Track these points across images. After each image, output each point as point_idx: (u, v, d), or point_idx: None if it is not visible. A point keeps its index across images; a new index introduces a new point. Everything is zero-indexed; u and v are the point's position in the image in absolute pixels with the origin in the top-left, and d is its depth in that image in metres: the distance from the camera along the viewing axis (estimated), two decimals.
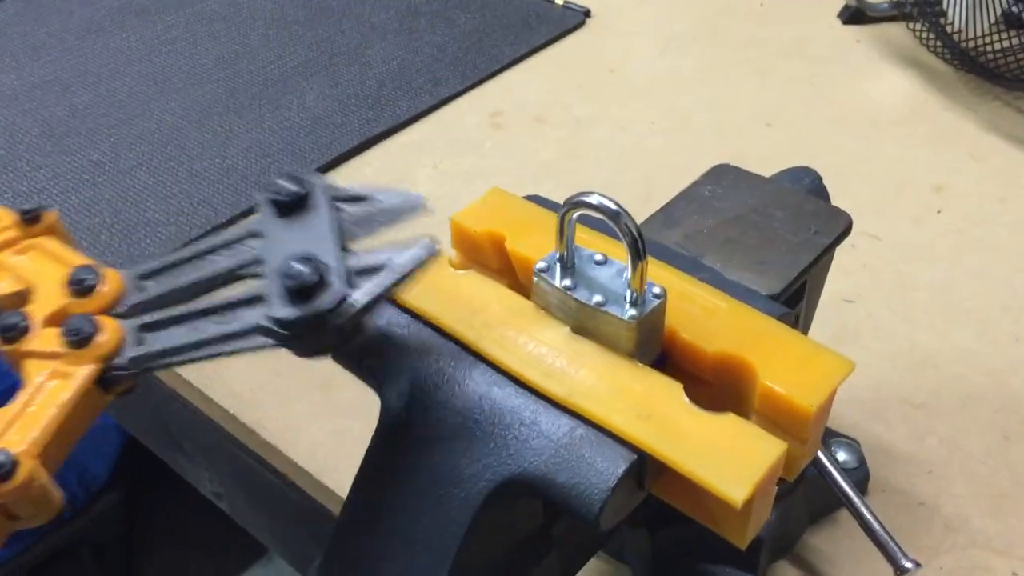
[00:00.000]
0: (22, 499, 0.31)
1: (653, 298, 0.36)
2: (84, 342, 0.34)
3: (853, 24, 0.91)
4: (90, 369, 0.34)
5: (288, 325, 0.31)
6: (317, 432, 0.58)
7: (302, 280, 0.31)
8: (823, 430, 0.37)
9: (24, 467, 0.31)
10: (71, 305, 0.35)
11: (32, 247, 0.39)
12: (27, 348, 0.34)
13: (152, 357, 0.34)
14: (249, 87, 0.84)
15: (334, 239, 0.34)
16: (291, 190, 0.35)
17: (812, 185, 0.51)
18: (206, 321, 0.34)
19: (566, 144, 0.78)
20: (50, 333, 0.35)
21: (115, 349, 0.34)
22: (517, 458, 0.34)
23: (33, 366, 0.34)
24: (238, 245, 0.36)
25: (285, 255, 0.32)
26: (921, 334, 0.62)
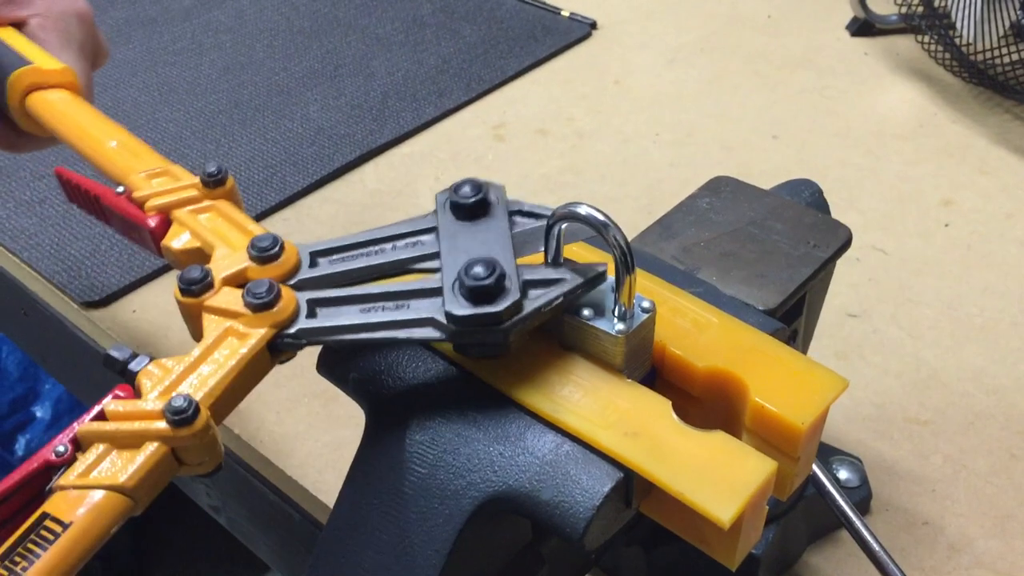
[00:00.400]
0: (196, 445, 0.33)
1: (642, 312, 0.35)
2: (264, 307, 0.35)
3: (862, 36, 0.90)
4: (265, 332, 0.35)
5: (461, 321, 0.33)
6: (313, 444, 0.57)
7: (482, 282, 0.33)
8: (816, 448, 0.36)
9: (203, 415, 0.33)
10: (251, 270, 0.37)
11: (212, 208, 0.42)
12: (210, 303, 0.36)
13: (322, 331, 0.35)
14: (253, 98, 0.84)
15: (511, 247, 0.35)
16: (474, 195, 0.37)
17: (812, 198, 0.51)
18: (379, 305, 0.35)
19: (568, 156, 0.78)
20: (232, 292, 0.36)
21: (290, 318, 0.35)
22: (502, 475, 0.33)
23: (211, 321, 0.36)
24: (413, 239, 0.37)
25: (467, 255, 0.35)
26: (927, 350, 0.61)
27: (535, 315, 0.34)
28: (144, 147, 0.47)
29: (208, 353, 0.35)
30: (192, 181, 0.43)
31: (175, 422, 0.32)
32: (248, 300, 0.35)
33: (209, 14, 0.95)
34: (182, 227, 0.41)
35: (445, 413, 0.35)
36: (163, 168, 0.45)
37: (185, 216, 0.41)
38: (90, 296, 0.65)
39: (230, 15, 0.95)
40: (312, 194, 0.75)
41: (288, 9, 0.96)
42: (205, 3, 0.97)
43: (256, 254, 0.37)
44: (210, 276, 0.37)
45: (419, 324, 0.34)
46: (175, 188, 0.43)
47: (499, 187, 0.38)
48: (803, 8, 0.95)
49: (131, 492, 0.32)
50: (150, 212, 0.42)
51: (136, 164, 0.45)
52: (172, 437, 0.32)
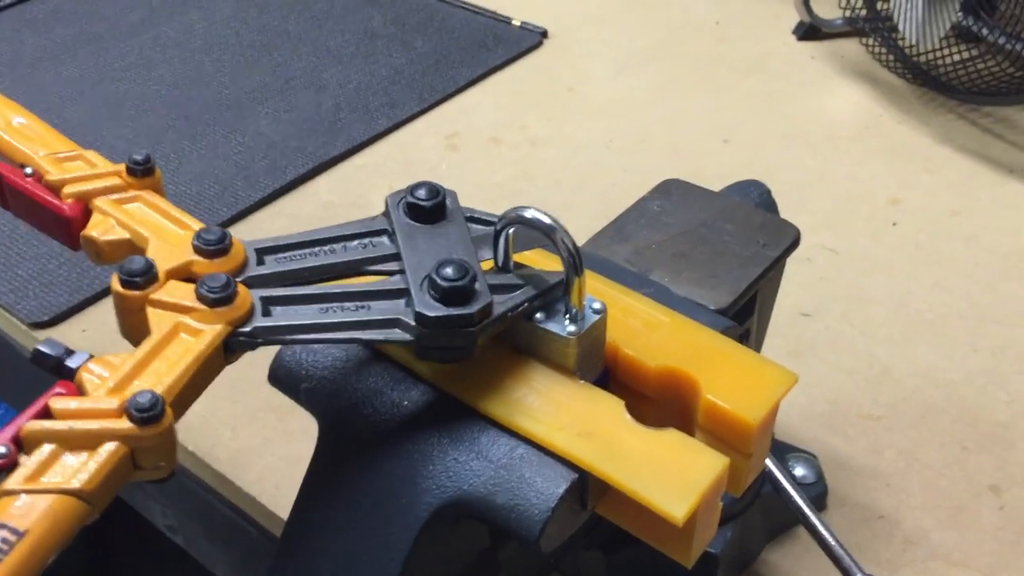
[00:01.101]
0: (159, 446, 0.30)
1: (593, 313, 0.35)
2: (220, 302, 0.33)
3: (808, 40, 0.92)
4: (221, 329, 0.33)
5: (432, 323, 0.32)
6: (270, 459, 0.56)
7: (455, 283, 0.33)
8: (769, 443, 0.36)
9: (169, 413, 0.30)
10: (197, 263, 0.35)
11: (139, 199, 0.38)
12: (155, 297, 0.34)
13: (279, 330, 0.34)
14: (203, 113, 0.83)
15: (474, 252, 0.35)
16: (432, 198, 0.36)
17: (761, 198, 0.51)
18: (338, 305, 0.34)
19: (522, 164, 0.78)
20: (180, 286, 0.34)
21: (245, 315, 0.33)
22: (456, 480, 0.33)
23: (158, 316, 0.33)
24: (365, 239, 0.36)
25: (433, 257, 0.34)
26: (879, 347, 0.62)
27: (503, 319, 0.34)
28: (51, 130, 0.43)
29: (159, 349, 0.32)
30: (112, 169, 0.40)
31: (141, 420, 0.29)
32: (202, 294, 0.33)
33: (157, 29, 0.94)
34: (105, 216, 0.37)
35: (398, 420, 0.35)
36: (76, 152, 0.41)
37: (109, 205, 0.38)
38: (38, 317, 0.64)
39: (179, 30, 0.94)
40: (265, 208, 0.74)
41: (238, 23, 0.95)
42: (153, 18, 0.96)
43: (203, 247, 0.35)
44: (155, 268, 0.34)
45: (384, 325, 0.33)
46: (96, 175, 0.39)
47: (452, 193, 0.38)
48: (750, 14, 0.96)
49: (89, 496, 0.29)
50: (67, 199, 0.38)
51: (43, 145, 0.41)
52: (135, 436, 0.30)
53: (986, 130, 0.80)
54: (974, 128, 0.80)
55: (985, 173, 0.76)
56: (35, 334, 0.64)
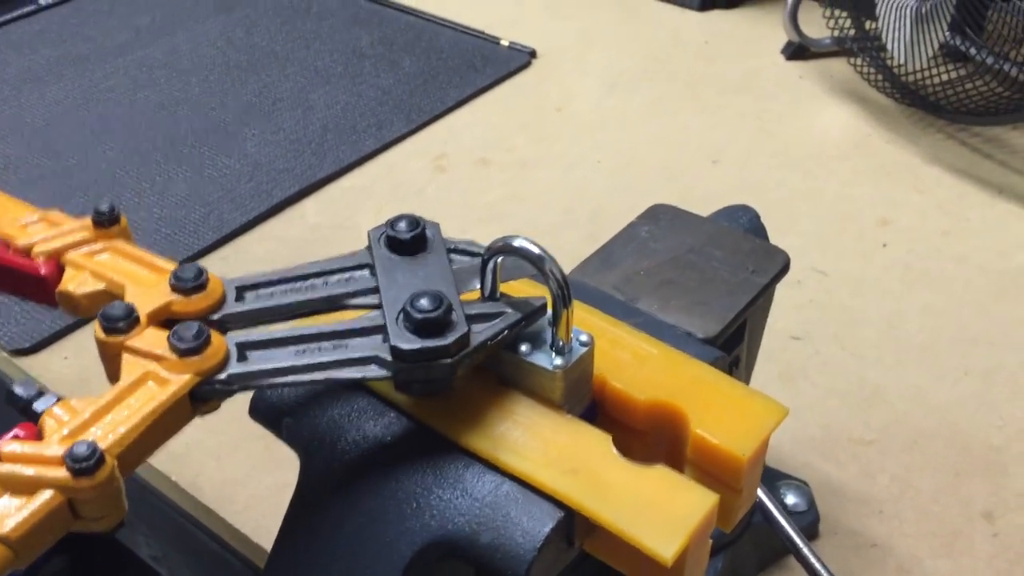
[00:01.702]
0: (97, 498, 0.30)
1: (580, 346, 0.34)
2: (191, 352, 0.32)
3: (796, 60, 0.91)
4: (188, 379, 0.32)
5: (409, 356, 0.32)
6: (255, 488, 0.56)
7: (429, 314, 0.32)
8: (759, 477, 0.36)
9: (108, 465, 0.30)
10: (176, 303, 0.34)
11: (109, 248, 0.38)
12: (131, 344, 0.33)
13: (255, 375, 0.33)
14: (189, 135, 0.82)
15: (453, 282, 0.34)
16: (412, 230, 0.36)
17: (749, 224, 0.51)
18: (315, 346, 0.33)
19: (511, 185, 0.78)
20: (156, 333, 0.34)
21: (218, 365, 0.33)
22: (440, 519, 0.33)
23: (130, 363, 0.33)
24: (346, 274, 0.36)
25: (409, 290, 0.33)
26: (870, 370, 0.61)
27: (482, 348, 0.33)
28: (10, 199, 0.43)
29: (122, 397, 0.32)
30: (77, 224, 0.39)
31: (76, 470, 0.29)
32: (173, 343, 0.33)
33: (143, 51, 0.94)
34: (79, 270, 0.37)
35: (382, 457, 0.34)
36: (40, 215, 0.41)
37: (80, 259, 0.38)
38: (20, 343, 0.63)
39: (165, 51, 0.94)
40: (251, 231, 0.74)
41: (224, 44, 0.95)
42: (139, 40, 0.95)
43: (179, 285, 0.35)
44: (135, 312, 0.34)
45: (361, 363, 0.33)
46: (62, 232, 0.39)
47: (435, 224, 0.38)
48: (739, 34, 0.96)
49: (13, 543, 0.29)
50: (38, 258, 0.38)
51: (7, 215, 0.41)
52: (70, 487, 0.29)
53: (975, 150, 0.80)
54: (963, 148, 0.80)
55: (975, 193, 0.75)
56: (17, 362, 0.63)
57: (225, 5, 1.01)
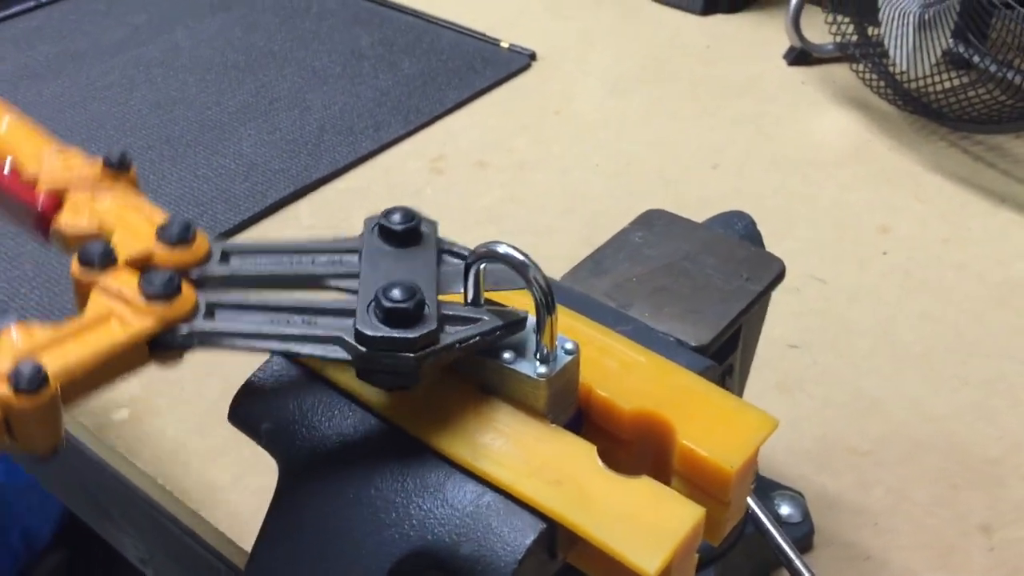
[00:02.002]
0: (34, 419, 0.30)
1: (565, 354, 0.34)
2: (158, 298, 0.33)
3: (798, 65, 0.91)
4: (150, 325, 0.32)
5: (371, 343, 0.31)
6: (241, 493, 0.55)
7: (399, 304, 0.31)
8: (749, 490, 0.35)
9: (50, 388, 0.30)
10: (158, 254, 0.35)
11: (113, 194, 0.39)
12: (102, 282, 0.34)
13: (217, 335, 0.33)
14: (184, 134, 0.82)
15: (434, 280, 0.34)
16: (405, 223, 0.36)
17: (745, 230, 0.50)
18: (285, 317, 0.33)
19: (508, 188, 0.77)
20: (130, 276, 0.34)
21: (183, 316, 0.33)
22: (420, 529, 0.32)
23: (98, 301, 0.33)
24: (336, 256, 0.36)
25: (386, 278, 0.33)
26: (866, 380, 0.61)
27: (450, 350, 0.32)
28: (38, 131, 0.44)
29: (81, 331, 0.32)
30: (88, 165, 0.40)
31: (17, 388, 0.29)
32: (143, 287, 0.33)
33: (141, 48, 0.93)
34: (76, 210, 0.38)
35: (361, 465, 0.33)
36: (58, 150, 0.42)
37: (82, 198, 0.38)
38: None
39: (162, 49, 0.93)
40: (245, 232, 0.73)
41: (222, 43, 0.94)
42: (136, 37, 0.95)
43: (164, 236, 0.35)
44: (113, 253, 0.34)
45: (325, 341, 0.32)
46: (70, 170, 0.40)
47: (432, 222, 0.37)
48: (741, 38, 0.96)
49: None
50: (41, 192, 0.39)
51: (28, 145, 0.42)
52: (10, 404, 0.29)
53: (978, 158, 0.79)
54: (965, 156, 0.79)
55: (976, 202, 0.75)
56: None
57: (224, 4, 1.00)
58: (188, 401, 0.59)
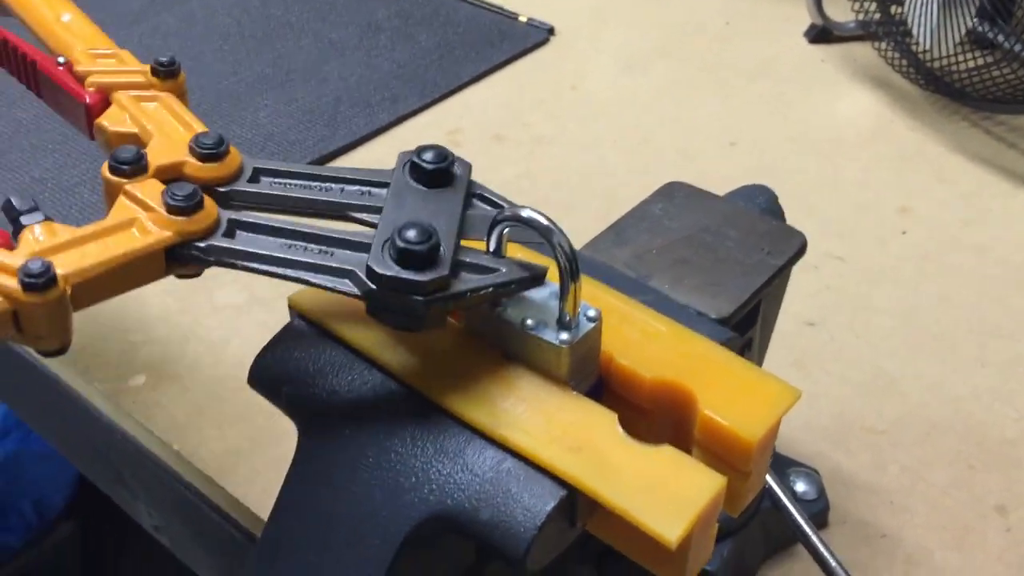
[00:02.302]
0: (40, 316, 0.31)
1: (587, 321, 0.33)
2: (179, 211, 0.33)
3: (819, 43, 0.90)
4: (169, 236, 0.33)
5: (380, 280, 0.31)
6: (257, 460, 0.55)
7: (413, 246, 0.31)
8: (768, 461, 0.35)
9: (58, 288, 0.30)
10: (189, 164, 0.35)
11: (158, 99, 0.39)
12: (129, 189, 0.34)
13: (234, 254, 0.33)
14: (201, 103, 0.81)
15: (457, 226, 0.33)
16: (437, 163, 0.35)
17: (766, 204, 0.50)
18: (303, 244, 0.33)
19: (524, 163, 0.76)
20: (154, 185, 0.34)
21: (203, 231, 0.33)
22: (440, 494, 0.32)
23: (122, 206, 0.34)
24: (365, 187, 0.36)
25: (407, 217, 0.33)
26: (885, 360, 0.60)
27: (460, 297, 0.32)
28: (96, 29, 0.45)
29: (101, 235, 0.32)
30: (139, 68, 0.41)
31: (25, 284, 0.30)
32: (165, 199, 0.33)
33: (157, 18, 0.93)
34: (122, 110, 0.39)
35: (381, 429, 0.33)
36: (113, 51, 0.42)
37: (127, 100, 0.39)
38: None
39: (179, 19, 0.93)
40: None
41: (239, 13, 0.94)
42: (154, 7, 0.94)
43: (198, 149, 0.35)
44: (145, 160, 0.35)
45: (337, 273, 0.32)
46: (122, 71, 0.41)
47: (466, 163, 0.37)
48: (761, 15, 0.95)
49: None
50: (89, 88, 0.40)
51: (84, 42, 0.43)
52: (17, 298, 0.30)
53: (1000, 139, 0.78)
54: (988, 137, 0.78)
55: (997, 183, 0.74)
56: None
57: None
58: (205, 367, 0.60)
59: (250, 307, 0.63)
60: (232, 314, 0.63)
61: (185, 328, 0.62)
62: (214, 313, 0.63)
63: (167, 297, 0.63)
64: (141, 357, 0.60)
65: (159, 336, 0.61)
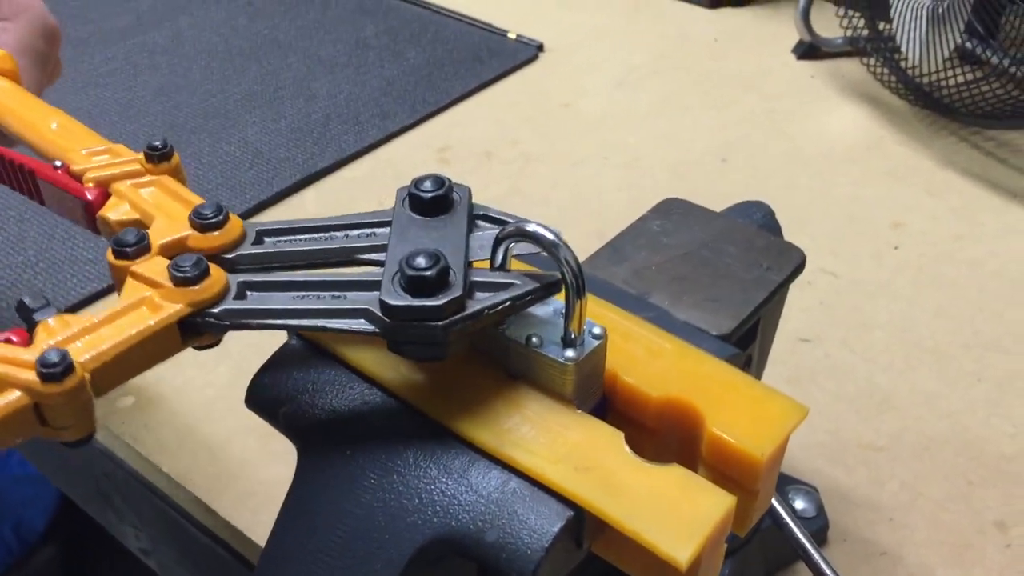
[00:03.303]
0: (62, 405, 0.31)
1: (592, 339, 0.33)
2: (187, 281, 0.33)
3: (808, 59, 0.90)
4: (180, 308, 0.33)
5: (396, 312, 0.31)
6: (248, 483, 0.54)
7: (422, 272, 0.31)
8: (776, 479, 0.34)
9: (77, 375, 0.30)
10: (192, 238, 0.36)
11: (155, 183, 0.40)
12: (136, 270, 0.35)
13: (249, 314, 0.33)
14: (188, 120, 0.81)
15: (464, 247, 0.33)
16: (434, 190, 0.35)
17: (764, 220, 0.49)
18: (315, 293, 0.33)
19: (515, 180, 0.76)
20: (160, 262, 0.35)
21: (213, 298, 0.33)
22: (444, 515, 0.31)
23: (132, 288, 0.34)
24: (368, 229, 0.36)
25: (412, 247, 0.32)
26: (880, 375, 0.60)
27: (479, 316, 0.31)
28: (87, 130, 0.46)
29: (114, 318, 0.33)
30: (133, 157, 0.42)
31: (43, 375, 0.30)
32: (171, 272, 0.33)
33: (145, 35, 0.92)
34: (121, 199, 0.39)
35: (383, 450, 0.33)
36: (106, 147, 0.43)
37: (125, 189, 0.40)
38: None
39: (167, 36, 0.92)
40: (249, 220, 0.72)
41: (227, 30, 0.93)
42: (141, 24, 0.94)
43: (198, 221, 0.35)
44: (146, 240, 0.35)
45: (352, 315, 0.32)
46: (116, 163, 0.41)
47: (465, 188, 0.36)
48: (749, 32, 0.95)
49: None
50: (88, 184, 0.40)
51: (77, 143, 0.44)
52: (37, 391, 0.30)
53: (989, 154, 0.78)
54: (977, 152, 0.79)
55: (988, 198, 0.74)
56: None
57: None
58: (196, 389, 0.59)
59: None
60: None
61: None
62: None
63: None
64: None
65: None
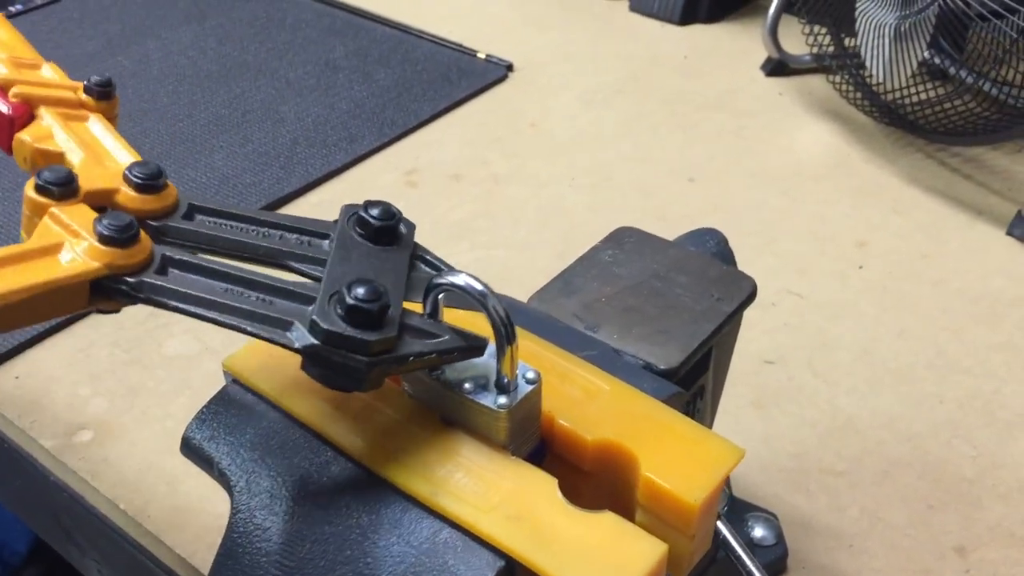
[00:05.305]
0: None
1: (526, 384, 0.33)
2: (113, 242, 0.30)
3: (776, 76, 0.90)
4: (97, 268, 0.30)
5: (325, 336, 0.30)
6: (206, 518, 0.54)
7: (363, 304, 0.30)
8: (714, 521, 0.34)
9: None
10: (121, 193, 0.33)
11: (87, 119, 0.37)
12: (57, 212, 0.31)
13: (166, 293, 0.31)
14: (154, 147, 0.81)
15: (403, 287, 0.33)
16: (385, 220, 0.34)
17: (716, 248, 0.49)
18: (239, 290, 0.31)
19: (483, 202, 0.76)
20: (84, 211, 0.31)
21: (135, 266, 0.31)
22: (374, 568, 0.31)
23: (48, 230, 0.31)
24: (305, 237, 0.34)
25: (356, 273, 0.32)
26: (843, 397, 0.60)
27: (403, 361, 0.31)
28: (23, 39, 0.41)
29: (24, 258, 0.30)
30: (71, 84, 0.38)
31: None
32: (99, 228, 0.30)
33: (112, 59, 0.92)
34: (47, 126, 0.36)
35: (314, 500, 0.32)
36: (39, 62, 0.39)
37: (53, 116, 0.36)
38: None
39: (135, 60, 0.92)
40: None
41: (195, 53, 0.93)
42: (110, 48, 0.94)
43: (133, 179, 0.33)
44: (76, 182, 0.32)
45: (276, 324, 0.30)
46: (50, 83, 0.38)
47: (411, 224, 0.36)
48: (718, 49, 0.95)
49: None
50: (13, 98, 0.37)
51: (8, 50, 0.40)
52: None
53: (955, 170, 0.79)
54: (943, 168, 0.79)
55: (954, 215, 0.74)
56: None
57: (198, 14, 0.99)
58: (154, 421, 0.58)
59: (201, 358, 0.62)
60: (183, 365, 0.62)
61: (134, 380, 0.61)
62: (164, 364, 0.62)
63: (115, 348, 0.62)
64: (89, 411, 0.59)
65: (106, 388, 0.60)
